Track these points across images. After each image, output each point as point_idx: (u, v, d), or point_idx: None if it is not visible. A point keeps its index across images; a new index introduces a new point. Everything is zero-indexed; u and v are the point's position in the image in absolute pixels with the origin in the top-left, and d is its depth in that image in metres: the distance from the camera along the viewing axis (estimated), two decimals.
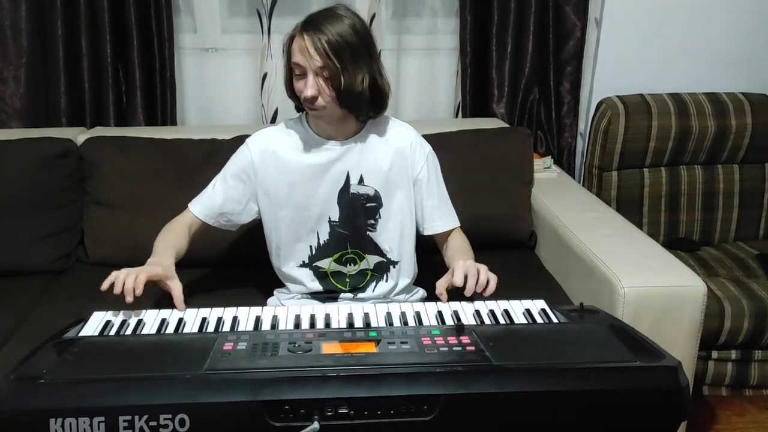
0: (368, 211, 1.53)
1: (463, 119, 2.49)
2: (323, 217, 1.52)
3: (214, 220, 1.55)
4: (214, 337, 1.12)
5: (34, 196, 1.94)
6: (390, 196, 1.53)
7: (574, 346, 1.13)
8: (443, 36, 2.49)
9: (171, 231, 1.53)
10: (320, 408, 0.96)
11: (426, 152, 1.57)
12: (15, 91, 2.25)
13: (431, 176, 1.57)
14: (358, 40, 1.35)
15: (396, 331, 1.16)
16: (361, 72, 1.36)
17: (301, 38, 1.35)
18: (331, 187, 1.50)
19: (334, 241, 1.54)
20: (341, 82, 1.34)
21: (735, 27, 2.52)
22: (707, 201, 2.44)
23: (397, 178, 1.53)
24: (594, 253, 1.69)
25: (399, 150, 1.53)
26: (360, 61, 1.36)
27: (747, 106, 2.38)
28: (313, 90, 1.35)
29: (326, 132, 1.49)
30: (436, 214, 1.58)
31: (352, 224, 1.53)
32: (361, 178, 1.51)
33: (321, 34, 1.32)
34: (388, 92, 1.45)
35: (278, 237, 1.56)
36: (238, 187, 1.53)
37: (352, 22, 1.36)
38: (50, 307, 1.72)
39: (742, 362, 2.08)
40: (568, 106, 2.54)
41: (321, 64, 1.33)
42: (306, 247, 1.54)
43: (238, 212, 1.55)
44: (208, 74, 2.43)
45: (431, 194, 1.57)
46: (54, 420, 0.92)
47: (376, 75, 1.41)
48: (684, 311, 1.55)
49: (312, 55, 1.33)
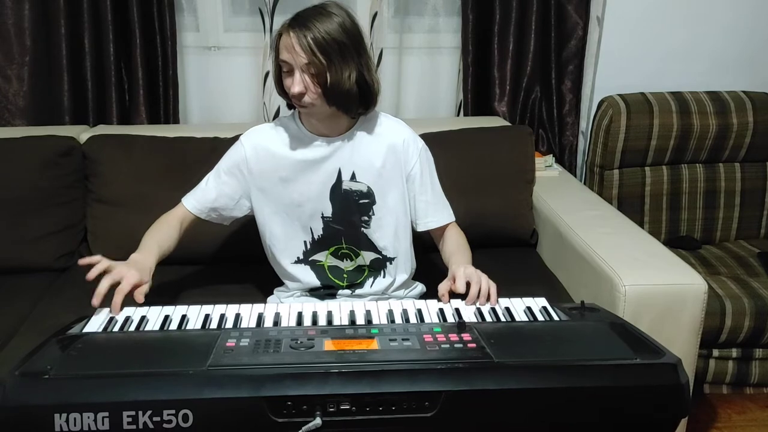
0: (361, 207, 1.53)
1: (465, 118, 2.49)
2: (316, 213, 1.53)
3: (206, 214, 1.56)
4: (216, 333, 1.13)
5: (37, 194, 1.95)
6: (383, 193, 1.53)
7: (574, 343, 1.14)
8: (445, 34, 2.49)
9: (162, 225, 1.54)
10: (322, 404, 0.96)
11: (419, 148, 1.56)
12: (18, 89, 2.26)
13: (424, 172, 1.56)
14: (346, 37, 1.35)
15: (397, 328, 1.16)
16: (348, 69, 1.36)
17: (288, 35, 1.35)
18: (323, 184, 1.51)
19: (328, 236, 1.54)
20: (327, 78, 1.34)
21: (737, 25, 2.52)
22: (708, 199, 2.44)
23: (390, 175, 1.53)
24: (595, 252, 1.69)
25: (392, 146, 1.53)
26: (347, 58, 1.36)
27: (749, 105, 2.38)
28: (300, 87, 1.35)
29: (317, 129, 1.49)
30: (429, 209, 1.58)
31: (346, 220, 1.53)
32: (353, 174, 1.51)
33: (307, 31, 1.32)
34: (378, 89, 1.45)
35: (271, 232, 1.56)
36: (231, 183, 1.54)
37: (340, 19, 1.36)
38: (54, 304, 1.72)
39: (743, 360, 2.08)
40: (570, 104, 2.54)
41: (306, 61, 1.33)
42: (300, 242, 1.55)
43: (230, 207, 1.56)
44: (211, 72, 2.43)
45: (425, 190, 1.57)
46: (58, 415, 0.93)
47: (364, 71, 1.40)
48: (685, 309, 1.55)
49: (297, 52, 1.33)
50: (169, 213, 1.57)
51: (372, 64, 1.45)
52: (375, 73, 1.44)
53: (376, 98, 1.47)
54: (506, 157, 2.15)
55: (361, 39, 1.41)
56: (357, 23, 1.40)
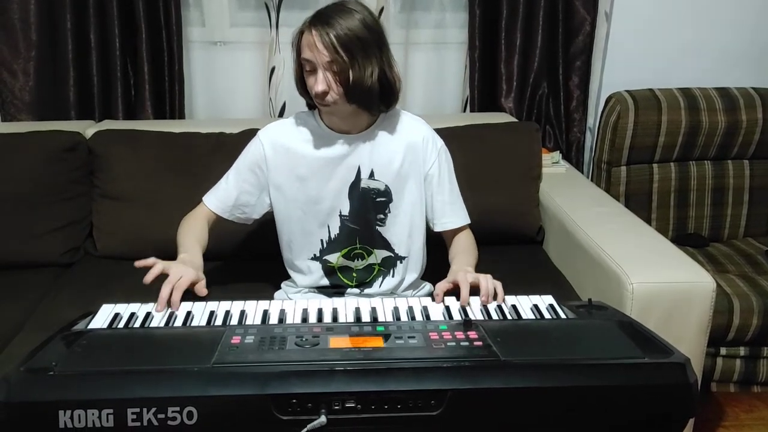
0: (378, 205, 1.52)
1: (471, 114, 2.48)
2: (334, 211, 1.52)
3: (230, 213, 1.55)
4: (222, 330, 1.12)
5: (43, 189, 1.95)
6: (400, 192, 1.53)
7: (582, 342, 1.13)
8: (452, 30, 2.48)
9: (193, 225, 1.53)
10: (327, 402, 0.96)
11: (438, 147, 1.56)
12: (24, 84, 2.26)
13: (443, 172, 1.56)
14: (368, 34, 1.34)
15: (403, 326, 1.16)
16: (370, 66, 1.35)
17: (310, 33, 1.34)
18: (342, 181, 1.50)
19: (344, 235, 1.54)
20: (350, 76, 1.34)
21: (746, 21, 2.50)
22: (717, 197, 2.43)
23: (408, 173, 1.52)
24: (602, 249, 1.68)
25: (411, 144, 1.52)
26: (370, 55, 1.35)
27: (758, 101, 2.36)
28: (323, 85, 1.34)
29: (338, 126, 1.48)
30: (447, 210, 1.58)
31: (362, 219, 1.53)
32: (372, 172, 1.50)
33: (329, 28, 1.31)
34: (399, 86, 1.44)
35: (290, 230, 1.56)
36: (252, 180, 1.53)
37: (361, 15, 1.35)
38: (59, 299, 1.72)
39: (751, 359, 2.07)
40: (577, 100, 2.53)
41: (329, 59, 1.33)
42: (317, 240, 1.54)
43: (252, 204, 1.55)
44: (217, 68, 2.43)
45: (442, 190, 1.56)
46: (63, 412, 0.93)
47: (386, 68, 1.40)
48: (693, 307, 1.54)
49: (320, 50, 1.32)
50: (194, 213, 1.56)
51: (393, 60, 1.44)
52: (396, 70, 1.44)
53: (398, 95, 1.46)
54: (513, 154, 2.14)
55: (383, 35, 1.40)
56: (377, 19, 1.39)
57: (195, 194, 1.61)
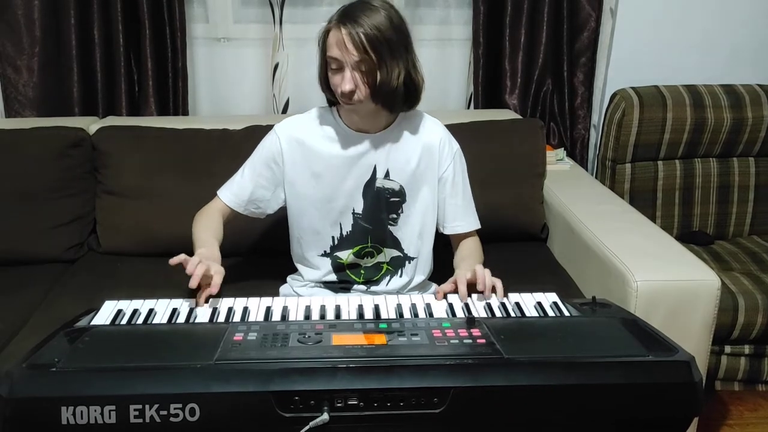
0: (391, 205, 1.52)
1: (476, 110, 2.48)
2: (347, 209, 1.51)
3: (244, 207, 1.55)
4: (224, 327, 1.12)
5: (46, 185, 1.95)
6: (414, 193, 1.52)
7: (585, 339, 1.13)
8: (456, 26, 2.48)
9: (207, 219, 1.52)
10: (330, 399, 0.96)
11: (454, 150, 1.56)
12: (28, 80, 2.27)
13: (457, 175, 1.55)
14: (395, 33, 1.33)
15: (406, 323, 1.16)
16: (397, 68, 1.34)
17: (338, 31, 1.32)
18: (357, 180, 1.49)
19: (356, 233, 1.53)
20: (377, 77, 1.33)
21: (752, 18, 2.49)
22: (722, 194, 2.41)
23: (423, 175, 1.52)
24: (606, 246, 1.67)
25: (427, 146, 1.51)
26: (397, 57, 1.34)
27: (763, 98, 2.35)
28: (351, 85, 1.33)
29: (357, 125, 1.47)
30: (459, 213, 1.57)
31: (375, 218, 1.52)
32: (387, 172, 1.50)
33: (359, 26, 1.30)
34: (422, 86, 1.44)
35: (301, 226, 1.55)
36: (267, 174, 1.52)
37: (388, 13, 1.33)
38: (62, 296, 1.72)
39: (756, 357, 2.06)
40: (582, 97, 2.52)
41: (358, 59, 1.31)
42: (328, 237, 1.54)
43: (267, 199, 1.54)
44: (220, 64, 2.43)
45: (455, 193, 1.56)
46: (65, 408, 0.93)
47: (411, 69, 1.39)
48: (697, 305, 1.54)
49: (349, 50, 1.31)
50: (208, 207, 1.55)
51: (418, 61, 1.43)
52: (421, 71, 1.43)
53: (420, 97, 1.45)
54: (517, 151, 2.13)
55: (409, 36, 1.39)
56: (402, 17, 1.38)
57: (198, 190, 1.60)
